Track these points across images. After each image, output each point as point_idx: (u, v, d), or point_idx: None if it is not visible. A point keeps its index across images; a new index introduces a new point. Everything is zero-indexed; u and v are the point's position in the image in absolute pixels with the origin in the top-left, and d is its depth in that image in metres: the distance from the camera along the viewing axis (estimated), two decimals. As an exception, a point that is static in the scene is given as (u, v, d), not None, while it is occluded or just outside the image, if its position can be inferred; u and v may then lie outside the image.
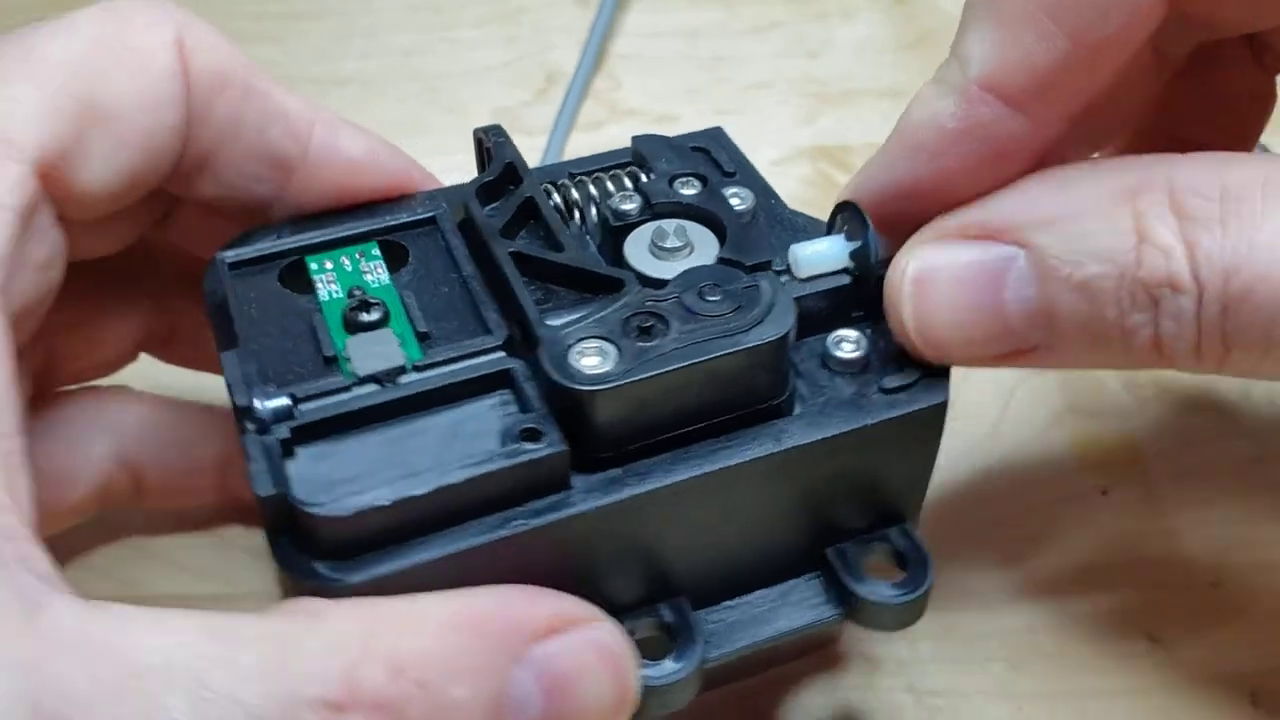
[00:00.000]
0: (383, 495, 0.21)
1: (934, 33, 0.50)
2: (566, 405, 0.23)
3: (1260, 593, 0.33)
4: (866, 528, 0.27)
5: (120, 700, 0.18)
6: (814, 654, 0.31)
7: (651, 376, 0.23)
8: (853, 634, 0.31)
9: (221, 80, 0.26)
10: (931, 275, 0.24)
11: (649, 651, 0.24)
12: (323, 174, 0.27)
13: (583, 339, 0.23)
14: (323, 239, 0.27)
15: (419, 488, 0.22)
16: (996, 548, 0.33)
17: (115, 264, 0.26)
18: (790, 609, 0.26)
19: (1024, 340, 0.23)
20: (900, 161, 0.25)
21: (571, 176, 0.29)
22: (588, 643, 0.22)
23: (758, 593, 0.27)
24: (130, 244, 0.28)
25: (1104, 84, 0.25)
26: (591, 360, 0.23)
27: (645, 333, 0.24)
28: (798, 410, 0.25)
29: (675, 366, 0.23)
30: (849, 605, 0.26)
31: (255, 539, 0.33)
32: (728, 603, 0.26)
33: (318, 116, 0.27)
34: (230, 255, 0.26)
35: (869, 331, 0.26)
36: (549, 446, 0.22)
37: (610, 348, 0.23)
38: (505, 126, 0.45)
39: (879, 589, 0.26)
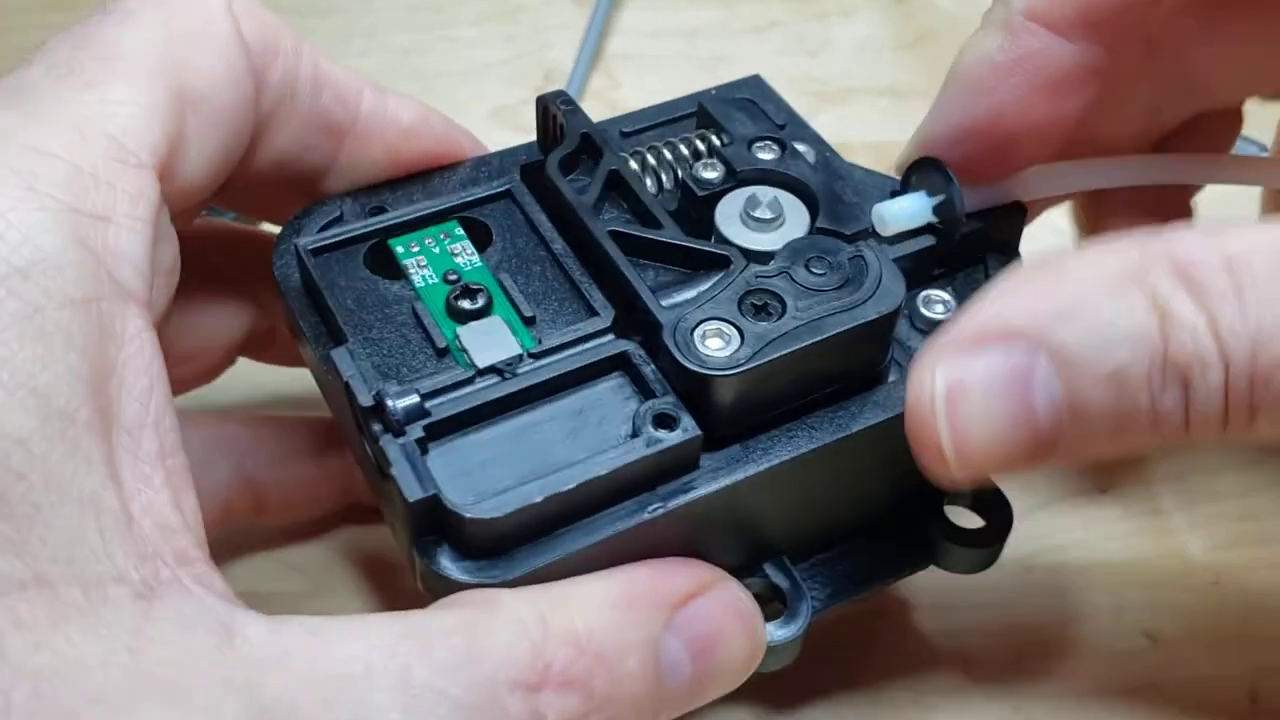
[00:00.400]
0: (533, 492, 0.22)
1: (933, 31, 0.50)
2: (694, 389, 0.23)
3: (1260, 591, 0.33)
4: None
5: (334, 707, 0.18)
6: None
7: (778, 358, 0.23)
8: (849, 624, 0.31)
9: (273, 47, 0.25)
10: (961, 390, 0.22)
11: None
12: (374, 140, 0.27)
13: (703, 321, 0.24)
14: (401, 219, 0.26)
15: (566, 483, 0.22)
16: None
17: (202, 260, 0.25)
18: (880, 559, 0.28)
19: (1053, 442, 0.22)
20: (956, 104, 0.26)
21: (629, 135, 0.29)
22: (723, 603, 0.23)
23: (848, 544, 0.28)
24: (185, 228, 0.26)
25: (1148, 6, 0.25)
26: (715, 343, 0.23)
27: (762, 311, 0.24)
28: (893, 376, 0.25)
29: (799, 346, 0.23)
30: (936, 552, 0.28)
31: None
32: (821, 555, 0.27)
33: (365, 82, 0.26)
34: (309, 241, 0.26)
35: (951, 290, 0.27)
36: (685, 433, 0.23)
37: (731, 329, 0.23)
38: (503, 125, 0.46)
39: (965, 536, 0.27)
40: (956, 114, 0.26)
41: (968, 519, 0.28)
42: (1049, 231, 0.35)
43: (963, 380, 0.22)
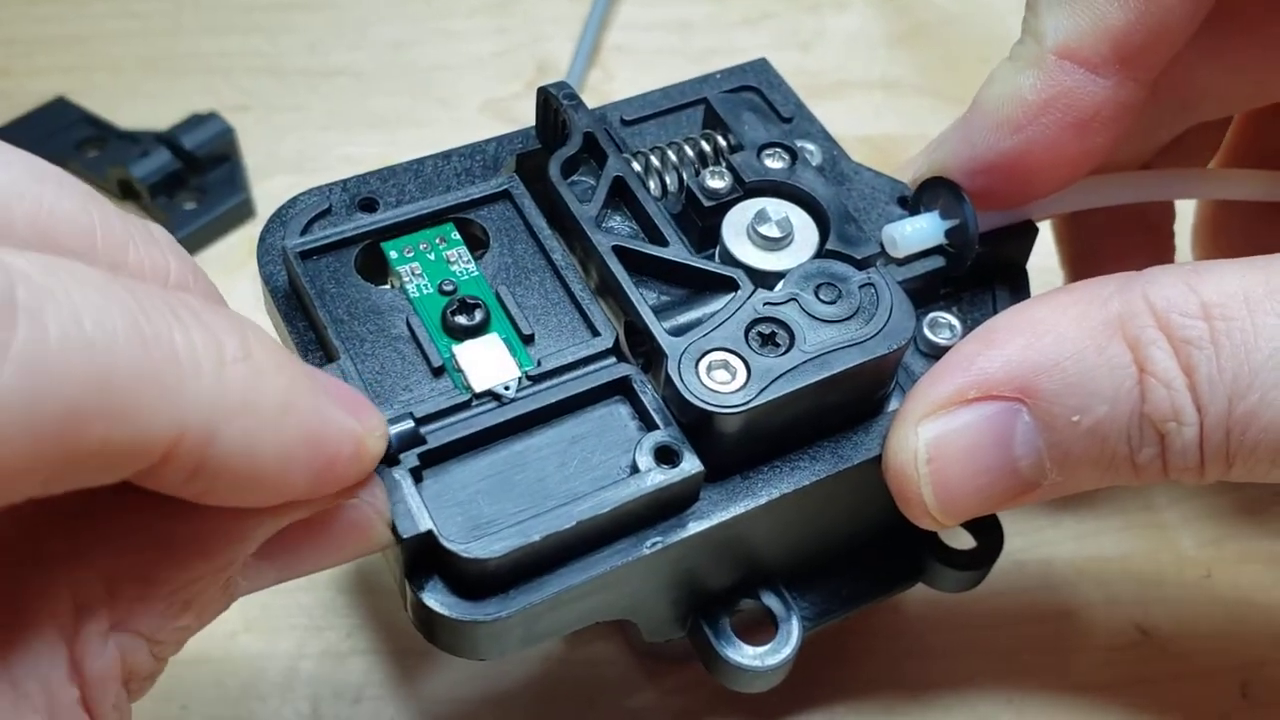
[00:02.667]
0: (531, 531, 0.21)
1: (926, 25, 0.50)
2: (697, 421, 0.23)
3: (1251, 585, 0.33)
4: None
5: None
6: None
7: (785, 394, 0.22)
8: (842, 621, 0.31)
9: None
10: (943, 450, 0.23)
11: (750, 632, 0.26)
12: None
13: (708, 352, 0.23)
14: (395, 220, 0.25)
15: (565, 522, 0.21)
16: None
17: None
18: (870, 577, 0.28)
19: (1035, 484, 0.23)
20: (981, 137, 0.26)
21: (630, 123, 0.29)
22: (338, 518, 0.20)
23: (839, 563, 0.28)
24: None
25: (1180, 37, 0.25)
26: (721, 376, 0.23)
27: (769, 341, 0.23)
28: (895, 403, 0.25)
29: (808, 383, 0.23)
30: (926, 571, 0.28)
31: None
32: (816, 574, 0.27)
33: None
34: (297, 244, 0.24)
35: (957, 310, 0.27)
36: (688, 469, 0.22)
37: (737, 362, 0.23)
38: (496, 117, 0.46)
39: (957, 557, 0.28)
40: (980, 147, 0.26)
41: (960, 538, 0.28)
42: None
43: (945, 438, 0.23)
